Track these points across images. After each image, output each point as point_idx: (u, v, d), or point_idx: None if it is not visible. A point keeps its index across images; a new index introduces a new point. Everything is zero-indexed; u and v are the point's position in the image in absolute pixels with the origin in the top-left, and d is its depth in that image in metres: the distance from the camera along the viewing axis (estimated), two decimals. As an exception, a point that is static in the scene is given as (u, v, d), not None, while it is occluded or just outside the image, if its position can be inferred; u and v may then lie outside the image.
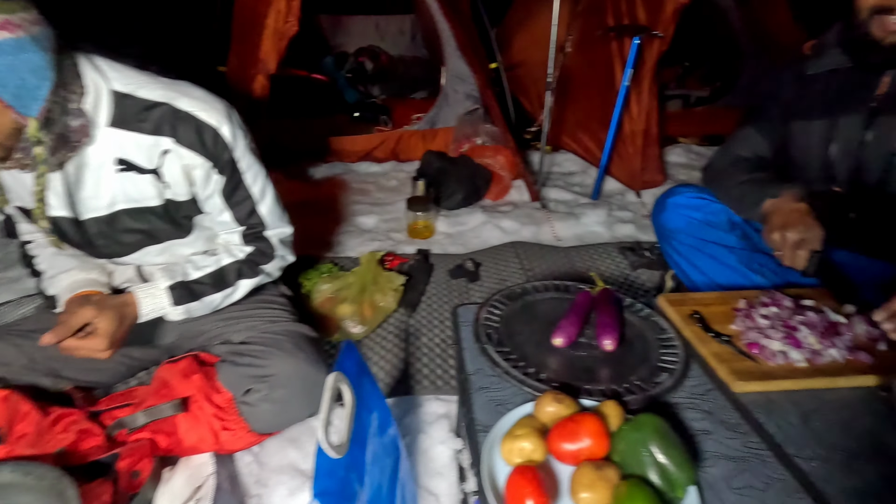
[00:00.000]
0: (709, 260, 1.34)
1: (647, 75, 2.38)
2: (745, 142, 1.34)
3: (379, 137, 2.74)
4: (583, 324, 0.90)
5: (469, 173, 2.21)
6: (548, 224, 2.02)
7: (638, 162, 2.34)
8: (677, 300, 0.99)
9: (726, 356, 0.83)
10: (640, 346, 0.87)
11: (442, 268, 1.72)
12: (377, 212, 2.19)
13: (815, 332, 0.83)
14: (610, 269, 1.72)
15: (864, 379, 0.79)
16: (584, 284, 1.03)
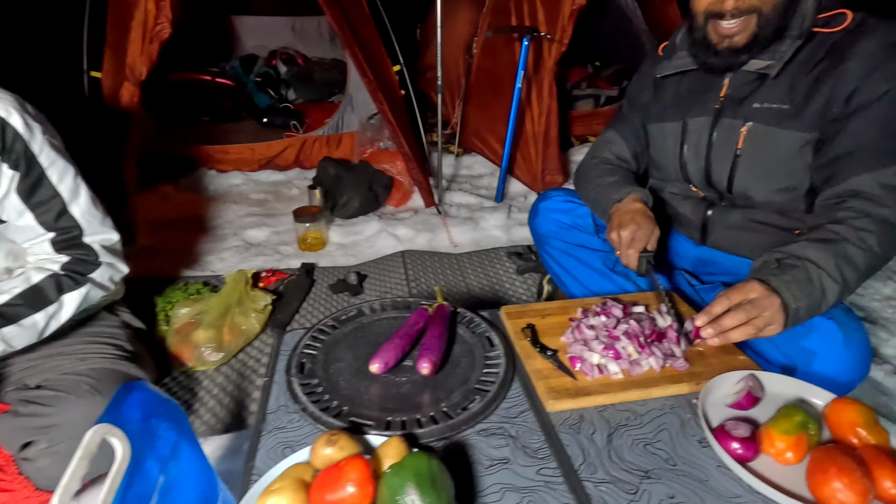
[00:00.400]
0: (577, 264, 1.32)
1: (547, 76, 2.39)
2: (607, 145, 1.34)
3: (281, 144, 2.62)
4: (410, 346, 0.85)
5: (366, 180, 2.13)
6: (444, 230, 1.98)
7: (539, 163, 2.34)
8: (516, 312, 0.95)
9: (547, 372, 0.80)
10: (465, 367, 0.82)
11: (325, 282, 1.63)
12: (270, 224, 2.08)
13: (635, 341, 0.81)
14: (498, 275, 1.69)
15: (677, 388, 0.77)
16: (427, 301, 0.98)
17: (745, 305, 0.78)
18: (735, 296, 0.79)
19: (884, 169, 0.89)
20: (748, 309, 0.78)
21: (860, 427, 0.66)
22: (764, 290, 0.79)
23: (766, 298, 0.78)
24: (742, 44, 0.98)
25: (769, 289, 0.80)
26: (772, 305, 0.78)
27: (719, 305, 0.80)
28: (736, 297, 0.79)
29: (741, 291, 0.80)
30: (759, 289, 0.79)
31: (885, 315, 1.56)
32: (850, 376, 0.95)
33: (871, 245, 0.86)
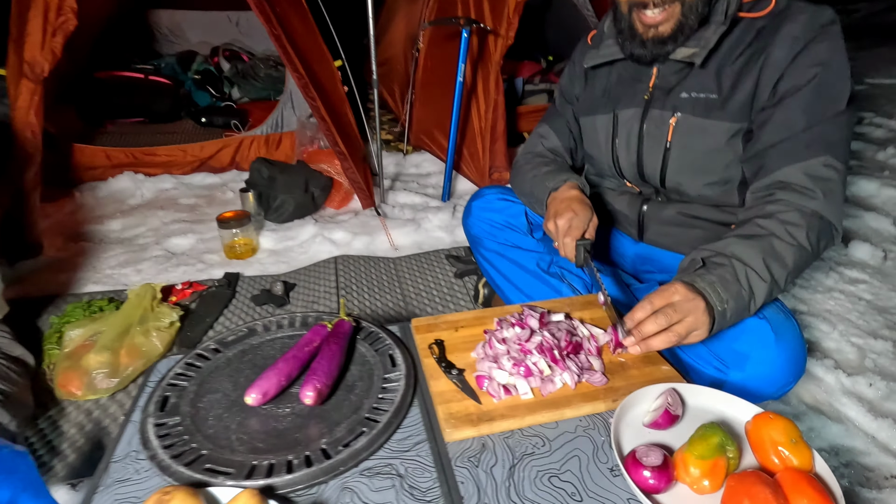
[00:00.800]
0: (511, 266, 1.24)
1: (493, 70, 2.31)
2: (541, 140, 1.27)
3: (215, 145, 2.46)
4: (299, 370, 0.74)
5: (302, 181, 2.01)
6: (384, 233, 1.87)
7: (487, 159, 2.27)
8: (426, 325, 0.86)
9: (450, 395, 0.71)
10: (359, 393, 0.72)
11: (249, 293, 1.51)
12: (198, 231, 1.93)
13: (548, 355, 0.73)
14: (437, 279, 1.60)
15: (592, 406, 0.69)
16: (330, 316, 0.88)
17: (666, 310, 0.71)
18: (657, 300, 0.73)
19: (812, 159, 0.84)
20: (670, 314, 0.71)
21: (782, 446, 0.59)
22: (687, 292, 0.72)
23: (690, 301, 0.72)
24: (668, 33, 0.92)
25: (694, 291, 0.73)
26: (695, 309, 0.72)
27: (641, 311, 0.73)
28: (658, 301, 0.72)
29: (664, 295, 0.73)
30: (683, 291, 0.72)
31: (826, 307, 1.54)
32: (784, 378, 0.90)
33: (800, 241, 0.81)
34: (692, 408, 0.69)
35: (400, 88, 3.14)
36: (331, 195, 2.12)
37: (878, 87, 3.93)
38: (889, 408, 1.19)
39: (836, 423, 1.14)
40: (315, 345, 0.78)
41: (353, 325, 0.82)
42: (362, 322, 0.86)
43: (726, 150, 0.95)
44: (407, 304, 1.47)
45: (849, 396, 1.21)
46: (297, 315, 0.88)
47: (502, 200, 1.29)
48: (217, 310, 1.39)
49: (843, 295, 1.59)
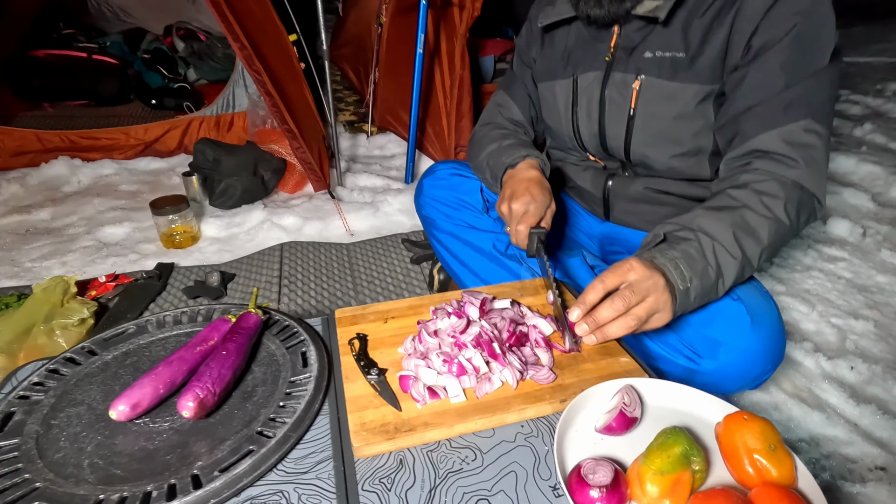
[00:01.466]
0: (466, 248, 1.12)
1: (459, 44, 2.16)
2: (499, 109, 1.15)
3: (161, 127, 2.28)
4: (186, 375, 0.61)
5: (251, 163, 1.85)
6: (339, 217, 1.73)
7: (452, 137, 2.13)
8: (351, 316, 0.73)
9: (366, 401, 0.58)
10: (258, 401, 0.60)
11: (183, 285, 1.36)
12: (136, 219, 1.77)
13: (486, 349, 0.61)
14: (392, 265, 1.47)
15: (536, 408, 0.58)
16: (237, 308, 0.75)
17: (623, 291, 0.60)
18: (611, 279, 0.61)
19: (791, 124, 0.73)
20: (627, 295, 0.59)
21: (759, 454, 0.48)
22: (645, 269, 0.61)
23: (648, 279, 0.60)
24: None
25: (652, 267, 0.62)
26: (655, 288, 0.61)
27: (593, 292, 0.61)
28: (612, 281, 0.61)
29: (617, 273, 0.61)
30: (639, 268, 0.61)
31: (805, 286, 1.46)
32: (762, 366, 0.80)
33: (777, 214, 0.70)
34: (653, 407, 0.58)
35: (365, 67, 2.98)
36: (284, 178, 1.96)
37: (854, 66, 3.89)
38: (871, 392, 1.10)
39: (817, 410, 1.06)
40: (210, 343, 0.65)
41: (263, 318, 0.70)
42: (275, 315, 0.73)
43: (696, 116, 0.84)
44: (357, 294, 1.34)
45: (829, 382, 1.12)
46: (199, 308, 0.75)
47: (456, 176, 1.17)
48: (141, 304, 1.24)
49: (822, 273, 1.51)
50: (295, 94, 2.02)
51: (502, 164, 0.96)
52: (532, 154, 0.95)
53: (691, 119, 0.84)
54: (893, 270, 1.52)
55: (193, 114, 2.34)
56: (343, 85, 3.57)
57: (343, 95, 3.37)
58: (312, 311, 1.27)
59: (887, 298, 1.41)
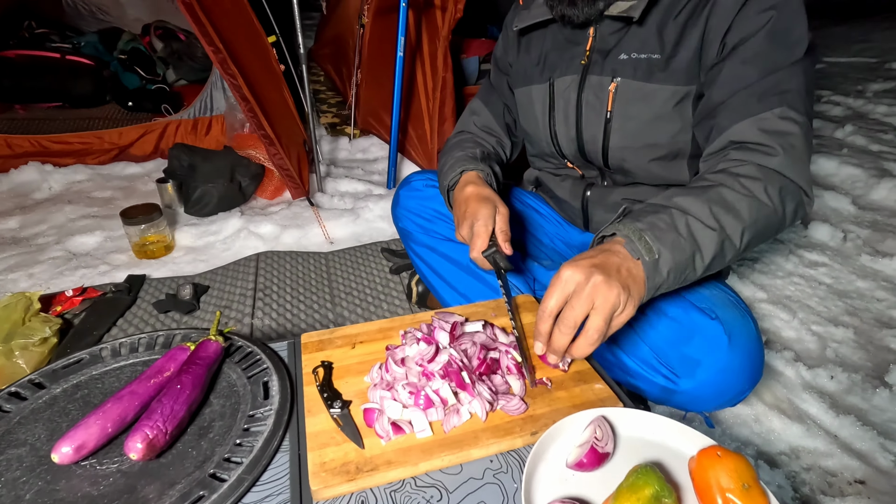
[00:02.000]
0: (443, 261, 1.10)
1: (441, 46, 2.13)
2: (472, 117, 1.13)
3: (136, 131, 2.22)
4: (138, 411, 0.58)
5: (228, 169, 1.81)
6: (318, 224, 1.70)
7: (435, 142, 2.10)
8: (317, 341, 0.70)
9: (327, 437, 0.56)
10: (214, 438, 0.57)
11: (154, 299, 1.32)
12: (108, 227, 1.72)
13: (454, 379, 0.59)
14: (372, 276, 1.44)
15: (508, 442, 0.56)
16: (199, 334, 0.71)
17: (565, 312, 0.56)
18: (551, 301, 0.57)
19: (766, 112, 0.71)
20: (568, 316, 0.56)
21: (732, 493, 0.46)
22: (579, 272, 0.56)
23: (586, 285, 0.55)
24: None
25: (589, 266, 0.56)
26: (596, 290, 0.55)
27: (542, 322, 0.58)
28: (554, 302, 0.57)
29: (555, 292, 0.57)
30: (572, 275, 0.56)
31: (786, 293, 1.46)
32: (740, 385, 0.79)
33: (756, 193, 0.66)
34: (627, 438, 0.56)
35: (347, 68, 2.93)
36: (262, 184, 1.92)
37: (835, 66, 3.93)
38: (851, 402, 1.10)
39: (797, 422, 1.05)
40: (166, 375, 0.62)
41: (223, 345, 0.66)
42: (237, 340, 0.70)
43: (673, 118, 0.82)
44: (335, 306, 1.31)
45: (809, 392, 1.12)
46: (158, 334, 0.71)
47: (432, 187, 1.14)
48: (109, 320, 1.20)
49: (802, 279, 1.51)
50: (274, 98, 1.98)
51: (444, 187, 0.95)
52: (467, 167, 0.92)
53: (669, 120, 0.83)
54: (873, 276, 1.53)
55: (170, 117, 2.28)
56: (326, 86, 3.53)
57: (326, 96, 3.32)
58: (287, 324, 1.23)
59: (867, 304, 1.41)
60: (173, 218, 1.76)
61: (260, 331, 1.20)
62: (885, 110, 2.94)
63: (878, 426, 1.04)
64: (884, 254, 1.61)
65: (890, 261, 1.56)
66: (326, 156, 2.37)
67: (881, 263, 1.57)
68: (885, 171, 2.15)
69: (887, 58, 3.91)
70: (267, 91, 1.92)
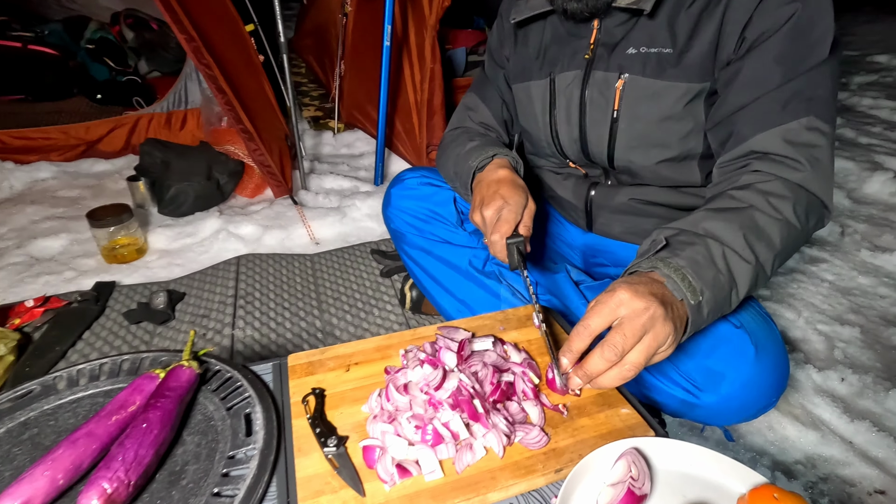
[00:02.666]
0: (440, 265, 1.02)
1: (429, 36, 2.04)
2: (468, 112, 1.05)
3: (105, 125, 2.08)
4: (97, 455, 0.49)
5: (205, 166, 1.70)
6: (302, 224, 1.60)
7: (423, 136, 2.02)
8: (307, 363, 0.62)
9: (322, 483, 0.48)
10: (188, 486, 0.49)
11: (125, 308, 1.22)
12: (75, 229, 1.60)
13: (465, 409, 0.51)
14: (361, 279, 1.36)
15: (528, 482, 0.49)
16: (171, 356, 0.63)
17: (613, 337, 0.50)
18: (596, 318, 0.51)
19: (792, 122, 0.66)
20: (617, 342, 0.49)
21: (795, 544, 0.40)
22: (638, 300, 0.51)
23: (643, 315, 0.50)
24: None
25: (647, 294, 0.52)
26: (652, 323, 0.50)
27: (579, 339, 0.52)
28: (598, 322, 0.51)
29: (605, 311, 0.51)
30: (630, 300, 0.51)
31: (789, 291, 1.42)
32: (766, 398, 0.74)
33: (786, 215, 0.62)
34: (664, 473, 0.50)
35: (330, 59, 2.82)
36: (242, 182, 1.82)
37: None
38: (864, 406, 1.06)
39: (811, 429, 1.01)
40: (130, 410, 0.53)
41: (198, 371, 0.58)
42: (214, 364, 0.61)
43: (684, 118, 0.76)
44: (322, 314, 1.23)
45: (821, 396, 1.07)
46: (123, 358, 0.63)
47: (427, 185, 1.07)
48: (74, 334, 1.09)
49: (805, 276, 1.48)
50: (253, 90, 1.87)
51: (469, 168, 0.87)
52: (501, 153, 0.86)
53: (679, 120, 0.76)
54: (874, 272, 1.50)
55: (142, 111, 2.15)
56: (308, 78, 3.40)
57: (308, 89, 3.20)
58: (271, 334, 1.15)
59: (870, 301, 1.38)
60: (146, 219, 1.65)
61: (241, 342, 1.12)
62: (870, 103, 2.95)
63: (893, 431, 1.00)
64: (883, 249, 1.58)
65: (890, 256, 1.53)
66: (310, 151, 2.26)
67: (881, 259, 1.54)
68: (876, 163, 2.14)
69: (869, 51, 3.93)
70: (245, 82, 1.81)
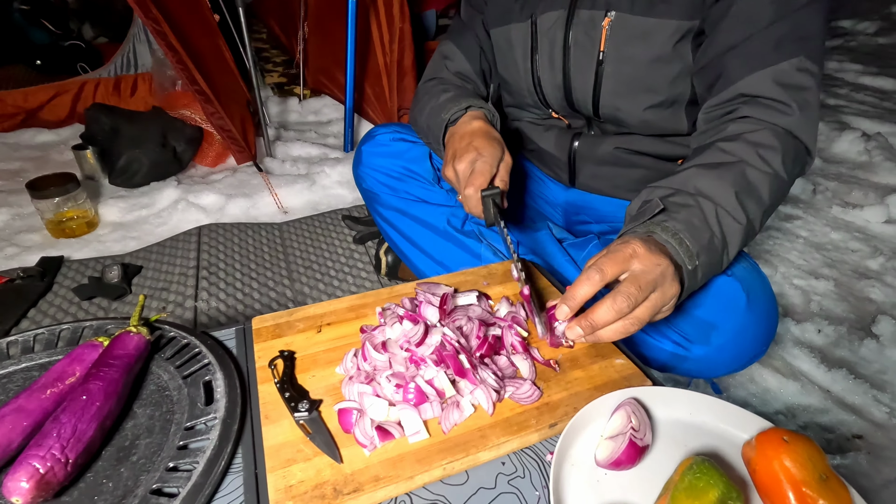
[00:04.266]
0: (416, 225, 0.97)
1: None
2: (444, 61, 0.98)
3: (45, 91, 1.91)
4: (29, 433, 0.43)
5: (158, 133, 1.57)
6: (269, 192, 1.51)
7: (394, 99, 1.93)
8: (273, 325, 0.56)
9: (292, 452, 0.43)
10: (139, 461, 0.43)
11: (75, 283, 1.12)
12: (16, 203, 1.47)
13: (451, 365, 0.47)
14: (333, 247, 1.29)
15: (520, 439, 0.45)
16: (118, 325, 0.56)
17: (627, 287, 0.46)
18: (610, 266, 0.48)
19: (783, 62, 0.62)
20: (632, 293, 0.46)
21: (808, 487, 0.37)
22: (651, 255, 0.48)
23: (655, 269, 0.48)
24: None
25: (658, 250, 0.49)
26: (663, 279, 0.48)
27: (589, 284, 0.47)
28: (612, 270, 0.48)
29: (617, 259, 0.48)
30: (645, 254, 0.48)
31: (766, 247, 1.42)
32: (756, 348, 0.72)
33: (776, 168, 0.60)
34: (663, 423, 0.47)
35: (293, 22, 2.66)
36: (202, 150, 1.70)
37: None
38: (839, 355, 1.08)
39: (791, 380, 1.01)
40: (69, 382, 0.47)
41: (149, 338, 0.51)
42: (168, 331, 0.55)
43: (673, 59, 0.72)
44: (293, 283, 1.16)
45: (799, 347, 1.08)
46: (62, 328, 0.55)
47: (400, 141, 1.00)
48: (17, 312, 1.00)
49: (780, 233, 1.49)
50: (208, 49, 1.73)
51: (441, 122, 0.81)
52: (475, 104, 0.81)
53: (669, 62, 0.72)
54: (845, 227, 1.52)
55: (86, 75, 1.98)
56: (270, 43, 3.22)
57: (270, 55, 3.03)
58: (238, 306, 1.08)
59: (842, 256, 1.40)
60: (96, 190, 1.53)
61: (206, 314, 1.04)
62: (835, 66, 2.99)
63: (868, 378, 1.01)
64: (853, 205, 1.60)
65: (860, 212, 1.56)
66: (275, 119, 2.14)
67: (851, 214, 1.56)
68: (844, 124, 2.17)
69: (835, 16, 3.98)
70: (199, 41, 1.67)
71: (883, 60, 3.03)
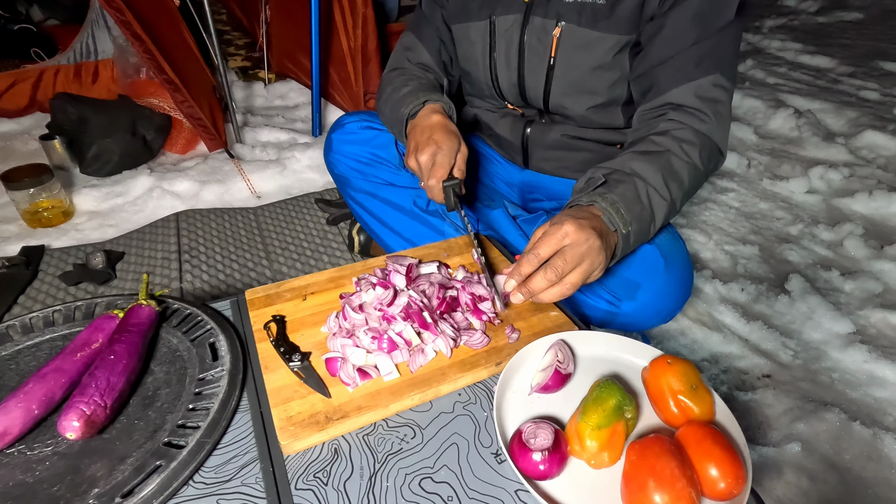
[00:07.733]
0: (385, 207, 1.06)
1: (360, -23, 1.97)
2: (406, 52, 1.05)
3: (3, 80, 1.88)
4: (66, 388, 0.52)
5: (127, 121, 1.60)
6: (242, 178, 1.57)
7: (360, 83, 1.99)
8: (264, 296, 0.66)
9: (290, 392, 0.53)
10: (162, 406, 0.52)
11: (59, 271, 1.18)
12: (-15, 195, 1.48)
13: (416, 320, 0.58)
14: (308, 229, 1.37)
15: (473, 374, 0.56)
16: (125, 300, 0.64)
17: (556, 261, 0.57)
18: (545, 247, 0.58)
19: (702, 79, 0.75)
20: (559, 266, 0.57)
21: (682, 395, 0.51)
22: (580, 232, 0.58)
23: (583, 244, 0.58)
24: None
25: (587, 227, 0.59)
26: (589, 252, 0.59)
27: (527, 263, 0.58)
28: (546, 250, 0.58)
29: (551, 240, 0.58)
30: (574, 232, 0.58)
31: (702, 218, 1.58)
32: (674, 304, 0.86)
33: (694, 159, 0.73)
34: (585, 358, 0.59)
35: (254, 4, 2.64)
36: (171, 137, 1.73)
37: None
38: (758, 310, 1.24)
39: (715, 331, 1.17)
40: (94, 347, 0.55)
41: (157, 309, 0.60)
42: (173, 303, 0.64)
43: (613, 67, 0.83)
44: (272, 263, 1.24)
45: (725, 304, 1.24)
46: (76, 304, 0.63)
47: (367, 129, 1.08)
48: (7, 299, 1.05)
49: (716, 205, 1.65)
50: (171, 38, 1.75)
51: (402, 116, 0.90)
52: (432, 98, 0.89)
53: (608, 70, 0.83)
54: (772, 197, 1.70)
55: (44, 63, 1.96)
56: (231, 25, 3.18)
57: (232, 37, 3.00)
58: (221, 285, 1.16)
59: (768, 223, 1.57)
60: (68, 180, 1.55)
61: (192, 294, 1.12)
62: (778, 45, 3.17)
63: (780, 328, 1.18)
64: (781, 177, 1.78)
65: (786, 183, 1.73)
66: (241, 104, 2.17)
67: (779, 186, 1.74)
68: (780, 101, 2.35)
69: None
70: (162, 28, 1.68)
71: (821, 39, 3.23)
